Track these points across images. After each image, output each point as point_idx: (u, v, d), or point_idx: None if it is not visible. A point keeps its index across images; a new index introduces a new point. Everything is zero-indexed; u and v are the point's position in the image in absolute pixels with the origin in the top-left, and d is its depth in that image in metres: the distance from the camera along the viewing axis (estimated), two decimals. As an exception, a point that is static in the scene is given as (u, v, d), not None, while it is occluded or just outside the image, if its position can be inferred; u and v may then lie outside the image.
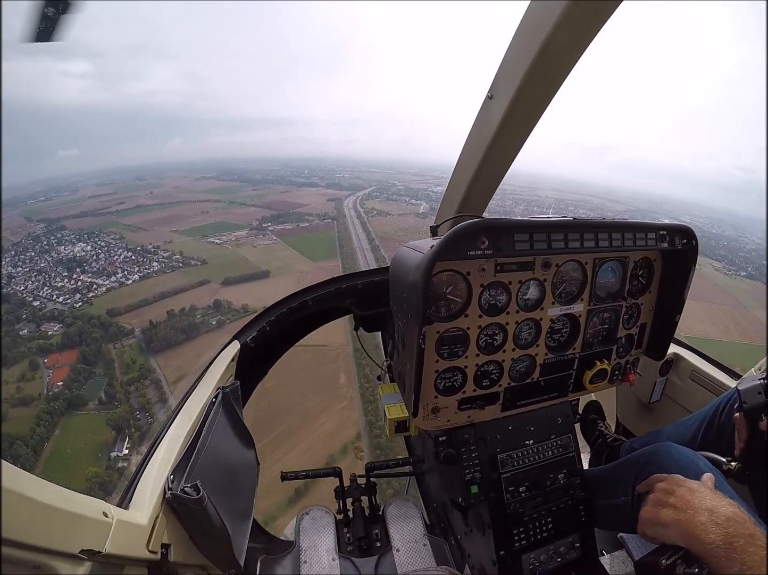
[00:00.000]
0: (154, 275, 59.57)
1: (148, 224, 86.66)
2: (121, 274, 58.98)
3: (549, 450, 1.81)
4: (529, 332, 1.67)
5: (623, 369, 1.94)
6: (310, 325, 2.60)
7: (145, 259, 65.23)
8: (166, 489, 1.30)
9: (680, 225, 1.67)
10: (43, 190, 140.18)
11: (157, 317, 44.28)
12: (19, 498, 0.77)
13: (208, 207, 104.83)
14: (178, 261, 64.46)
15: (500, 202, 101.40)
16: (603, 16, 1.20)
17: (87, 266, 62.18)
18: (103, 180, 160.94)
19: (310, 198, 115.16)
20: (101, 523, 0.99)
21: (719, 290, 56.56)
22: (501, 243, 1.34)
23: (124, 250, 69.52)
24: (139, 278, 58.23)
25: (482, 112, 1.69)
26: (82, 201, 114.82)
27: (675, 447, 1.53)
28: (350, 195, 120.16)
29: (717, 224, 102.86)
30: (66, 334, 41.23)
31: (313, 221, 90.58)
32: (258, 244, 74.21)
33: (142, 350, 40.30)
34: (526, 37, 1.35)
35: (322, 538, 2.26)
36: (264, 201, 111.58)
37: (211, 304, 47.90)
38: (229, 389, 1.87)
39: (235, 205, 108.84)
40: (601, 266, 1.69)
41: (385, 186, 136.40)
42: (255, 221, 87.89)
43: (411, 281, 1.35)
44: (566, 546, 1.75)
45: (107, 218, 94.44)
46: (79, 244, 73.60)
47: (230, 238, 77.12)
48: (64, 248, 71.06)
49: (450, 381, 1.62)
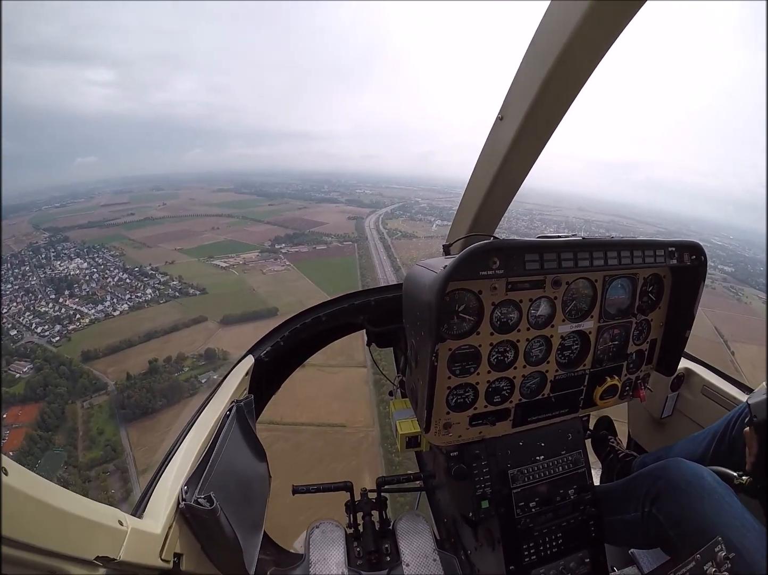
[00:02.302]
0: (146, 305, 51.52)
1: (154, 239, 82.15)
2: (110, 302, 51.59)
3: (559, 466, 1.81)
4: (539, 349, 1.70)
5: (634, 385, 1.95)
6: (323, 340, 2.60)
7: (140, 283, 58.13)
8: (180, 499, 1.32)
9: (689, 242, 1.69)
10: (61, 195, 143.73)
11: (137, 368, 35.87)
12: (36, 503, 0.78)
13: (219, 223, 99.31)
14: (175, 289, 56.42)
15: (529, 224, 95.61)
16: (614, 34, 1.18)
17: (77, 287, 56.42)
18: (122, 188, 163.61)
19: (329, 216, 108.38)
20: (116, 531, 1.00)
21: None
22: (512, 263, 1.39)
23: (121, 270, 63.80)
24: (129, 308, 50.53)
25: (492, 134, 1.70)
26: (94, 210, 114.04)
27: (685, 462, 1.55)
28: (371, 213, 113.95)
29: (747, 246, 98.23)
30: (31, 384, 34.12)
31: (331, 243, 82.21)
32: (268, 270, 65.24)
33: (113, 414, 31.94)
34: (535, 59, 1.35)
35: (332, 552, 2.24)
36: (280, 218, 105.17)
37: (202, 352, 38.84)
38: (243, 402, 1.88)
39: (248, 221, 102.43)
40: (611, 284, 1.71)
41: (408, 204, 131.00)
42: (268, 242, 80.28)
43: (425, 300, 1.39)
44: (576, 562, 1.74)
45: (113, 231, 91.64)
46: (76, 260, 69.74)
47: (238, 261, 68.78)
48: (60, 264, 67.27)
49: (462, 398, 1.64)
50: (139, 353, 39.34)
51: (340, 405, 30.72)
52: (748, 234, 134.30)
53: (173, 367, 36.04)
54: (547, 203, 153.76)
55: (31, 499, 0.76)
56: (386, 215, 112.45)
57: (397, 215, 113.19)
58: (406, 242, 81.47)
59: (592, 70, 1.30)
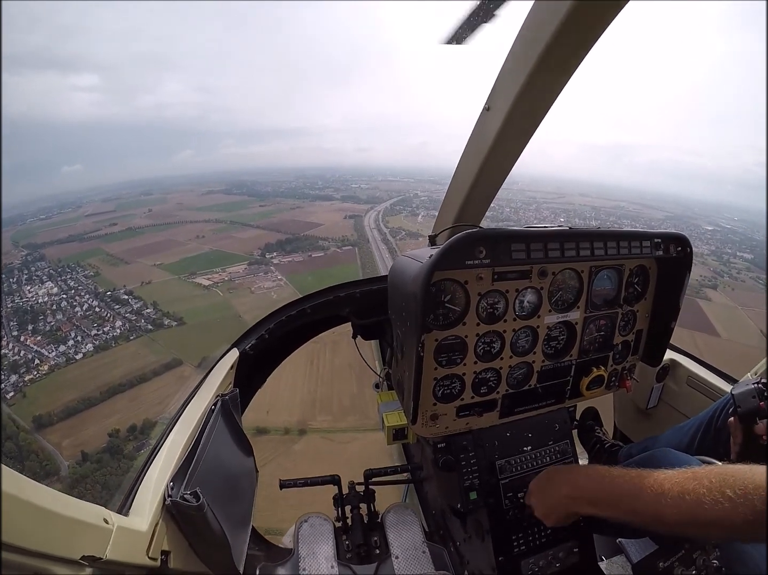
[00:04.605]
0: (113, 344, 43.84)
1: (133, 253, 75.34)
2: (73, 341, 44.13)
3: (547, 456, 1.83)
4: (526, 340, 1.70)
5: (620, 376, 1.96)
6: (308, 333, 2.60)
7: (111, 312, 50.77)
8: (166, 495, 1.30)
9: (675, 233, 1.70)
10: (49, 206, 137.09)
11: (96, 440, 28.54)
12: (20, 503, 0.76)
13: (205, 229, 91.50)
14: (149, 319, 48.65)
15: (537, 214, 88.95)
16: (601, 26, 1.18)
17: (42, 320, 49.38)
18: (110, 195, 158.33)
19: (325, 216, 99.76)
20: (102, 529, 0.98)
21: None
22: (498, 252, 1.37)
23: (92, 296, 56.77)
24: (93, 348, 42.95)
25: (479, 124, 1.70)
26: (77, 221, 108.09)
27: (671, 452, 1.57)
28: (370, 210, 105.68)
29: (756, 228, 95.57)
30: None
31: (329, 249, 74.03)
32: (257, 287, 56.97)
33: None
34: (522, 49, 1.36)
35: (321, 546, 2.24)
36: (271, 221, 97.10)
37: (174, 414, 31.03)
38: (228, 396, 1.86)
39: (237, 226, 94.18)
40: (597, 274, 1.71)
41: (407, 198, 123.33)
42: (257, 250, 72.05)
43: (410, 291, 1.38)
44: (565, 552, 1.75)
45: (93, 245, 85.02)
46: (47, 283, 62.66)
47: (223, 277, 60.58)
48: (30, 289, 60.21)
49: (448, 389, 1.63)
50: (100, 416, 31.85)
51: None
52: (751, 215, 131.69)
53: (140, 437, 28.46)
54: (548, 190, 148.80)
55: (13, 498, 0.74)
56: (386, 211, 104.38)
57: (398, 211, 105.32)
58: (412, 242, 72.58)
59: (580, 61, 1.30)
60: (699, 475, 1.00)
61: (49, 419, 31.53)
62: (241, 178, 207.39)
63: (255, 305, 49.05)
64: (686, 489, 0.98)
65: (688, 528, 0.99)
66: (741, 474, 0.93)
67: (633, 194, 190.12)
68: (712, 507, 0.92)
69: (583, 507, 1.25)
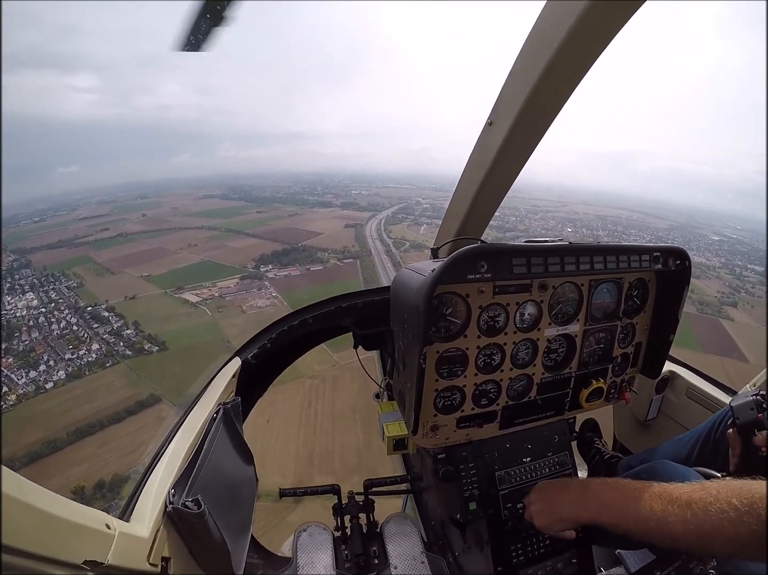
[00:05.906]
0: (87, 372, 39.96)
1: (121, 262, 71.88)
2: (45, 365, 40.26)
3: (546, 468, 1.84)
4: (526, 352, 1.71)
5: (619, 388, 1.96)
6: (310, 343, 2.59)
7: (89, 332, 46.97)
8: (167, 502, 1.31)
9: (673, 247, 1.72)
10: (44, 208, 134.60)
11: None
12: (21, 505, 0.76)
13: (198, 237, 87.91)
14: (128, 342, 44.83)
15: (543, 223, 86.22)
16: (611, 33, 1.16)
17: (17, 337, 45.57)
18: (106, 198, 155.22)
19: (324, 224, 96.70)
20: (104, 535, 0.98)
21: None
22: (499, 267, 1.40)
23: (72, 311, 52.98)
24: (65, 376, 39.08)
25: (482, 138, 1.71)
26: (70, 225, 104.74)
27: (670, 464, 1.57)
28: (371, 218, 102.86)
29: (760, 238, 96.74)
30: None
31: (328, 262, 70.49)
32: (249, 306, 53.20)
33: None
34: (525, 65, 1.37)
35: (320, 555, 2.24)
36: (268, 229, 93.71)
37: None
38: (230, 405, 1.88)
39: (231, 234, 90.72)
40: (597, 287, 1.73)
41: (409, 206, 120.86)
42: (252, 262, 68.59)
43: (413, 303, 1.39)
44: (563, 563, 1.76)
45: (81, 251, 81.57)
46: (28, 294, 59.30)
47: (213, 292, 56.90)
48: (10, 301, 57.12)
49: (449, 400, 1.65)
50: (65, 463, 28.08)
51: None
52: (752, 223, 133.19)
53: (105, 501, 24.30)
54: (551, 198, 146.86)
55: (14, 500, 0.74)
56: (387, 219, 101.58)
57: (400, 219, 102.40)
58: (416, 255, 68.74)
59: (584, 75, 1.30)
60: (707, 486, 1.02)
61: (11, 466, 27.55)
62: (239, 182, 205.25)
63: (246, 327, 43.96)
64: (694, 498, 1.00)
65: (692, 537, 0.98)
66: (748, 486, 0.95)
67: (635, 202, 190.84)
68: (717, 515, 0.93)
69: (589, 512, 1.24)
